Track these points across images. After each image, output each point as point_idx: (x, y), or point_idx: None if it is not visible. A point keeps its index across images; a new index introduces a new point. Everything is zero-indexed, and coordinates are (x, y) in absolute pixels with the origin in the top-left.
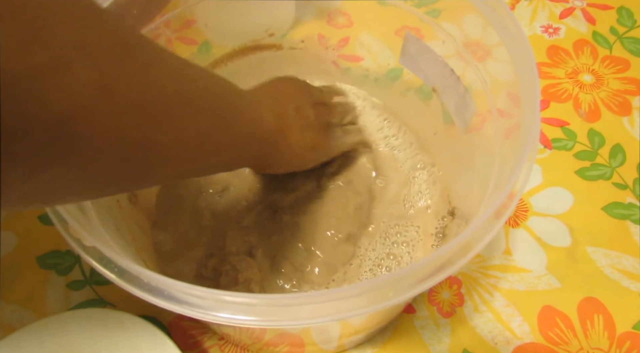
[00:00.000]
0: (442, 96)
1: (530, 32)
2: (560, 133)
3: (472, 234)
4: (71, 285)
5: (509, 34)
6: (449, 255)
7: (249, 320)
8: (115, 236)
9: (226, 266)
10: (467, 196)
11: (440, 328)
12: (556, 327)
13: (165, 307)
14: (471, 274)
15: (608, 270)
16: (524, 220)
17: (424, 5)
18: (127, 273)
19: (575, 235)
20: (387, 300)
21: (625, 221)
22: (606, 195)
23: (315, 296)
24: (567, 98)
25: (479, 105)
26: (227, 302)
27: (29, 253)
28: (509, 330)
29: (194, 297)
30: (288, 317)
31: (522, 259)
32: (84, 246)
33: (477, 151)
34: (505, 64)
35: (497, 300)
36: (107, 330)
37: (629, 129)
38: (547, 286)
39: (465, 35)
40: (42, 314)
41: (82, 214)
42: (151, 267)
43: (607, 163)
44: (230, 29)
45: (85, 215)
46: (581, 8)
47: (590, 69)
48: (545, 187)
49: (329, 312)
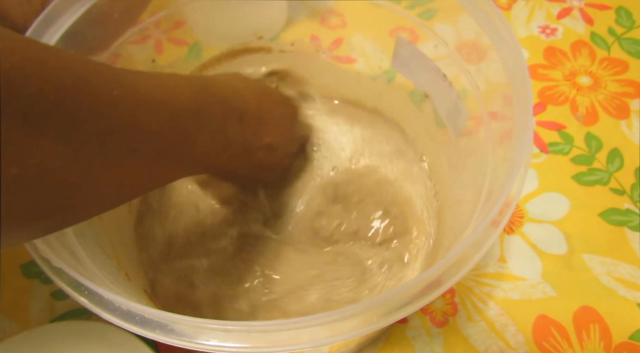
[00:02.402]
0: (434, 101)
1: (526, 32)
2: (556, 136)
3: (469, 245)
4: (55, 294)
5: (499, 37)
6: (445, 268)
7: (226, 347)
8: (94, 250)
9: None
10: (459, 202)
11: (432, 339)
12: (551, 337)
13: (136, 333)
14: (465, 283)
15: (605, 278)
16: (519, 227)
17: (419, 6)
18: (98, 296)
19: (572, 242)
20: (385, 319)
21: (622, 228)
22: (603, 201)
23: (299, 322)
24: (564, 101)
25: (472, 109)
26: (203, 328)
27: (13, 261)
28: (502, 340)
29: (169, 323)
30: (267, 344)
31: (517, 267)
32: (51, 266)
33: (470, 156)
34: (498, 68)
35: (491, 309)
36: (90, 342)
37: (627, 133)
38: (542, 295)
39: (459, 38)
40: (25, 323)
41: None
42: (134, 280)
43: (604, 167)
44: (220, 30)
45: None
46: (579, 8)
47: (588, 71)
48: (541, 193)
49: (315, 337)
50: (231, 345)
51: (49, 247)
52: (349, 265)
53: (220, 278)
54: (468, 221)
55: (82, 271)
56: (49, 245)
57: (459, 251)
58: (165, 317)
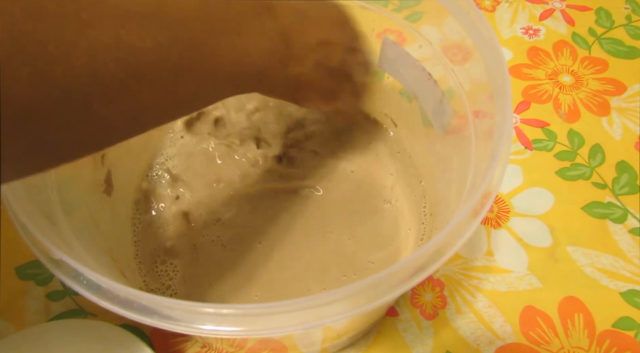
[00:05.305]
0: (420, 100)
1: (510, 33)
2: (540, 133)
3: (450, 234)
4: (50, 295)
5: (482, 39)
6: (428, 256)
7: (223, 331)
8: (91, 247)
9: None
10: (445, 198)
11: (423, 331)
12: (537, 327)
13: (135, 319)
14: (453, 276)
15: (588, 269)
16: (505, 221)
17: (405, 9)
18: (96, 285)
19: (556, 235)
20: (368, 303)
21: (604, 220)
22: (586, 195)
23: (291, 304)
24: (548, 99)
25: (457, 108)
26: (199, 313)
27: (8, 263)
28: (491, 331)
29: (165, 309)
30: (264, 326)
31: (504, 260)
32: (51, 259)
33: (455, 153)
34: (482, 68)
35: (480, 301)
36: (86, 340)
37: (608, 130)
38: (529, 286)
39: (445, 39)
40: (20, 325)
41: (52, 226)
42: (130, 279)
43: (586, 163)
44: None
45: (56, 227)
46: (560, 9)
47: (569, 70)
48: (526, 188)
49: (304, 320)
50: (226, 328)
51: (49, 240)
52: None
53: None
54: (452, 215)
55: (76, 264)
56: (49, 238)
57: (442, 239)
58: (162, 303)
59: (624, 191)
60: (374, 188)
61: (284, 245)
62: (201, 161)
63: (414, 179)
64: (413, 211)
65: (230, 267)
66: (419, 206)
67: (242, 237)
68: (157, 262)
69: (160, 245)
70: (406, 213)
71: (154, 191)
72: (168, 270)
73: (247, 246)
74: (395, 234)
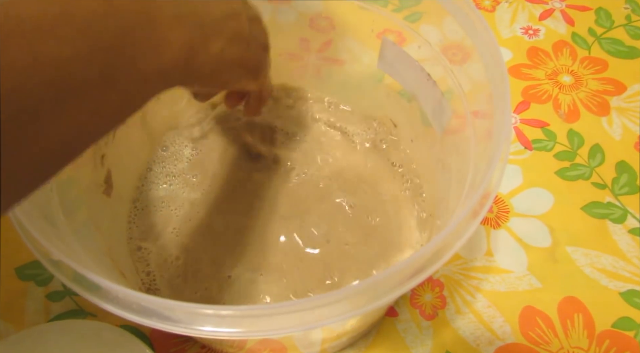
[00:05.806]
0: (419, 101)
1: (510, 34)
2: (540, 133)
3: (449, 234)
4: (50, 296)
5: (481, 39)
6: (427, 256)
7: (222, 332)
8: (90, 248)
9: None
10: (444, 198)
11: (422, 331)
12: (537, 327)
13: (134, 321)
14: (453, 276)
15: (587, 269)
16: (505, 221)
17: (405, 9)
18: (95, 286)
19: (556, 235)
20: (368, 304)
21: (604, 220)
22: (585, 195)
23: (290, 305)
24: (547, 99)
25: (457, 108)
26: (199, 314)
27: (8, 264)
28: (490, 331)
29: (165, 310)
30: (263, 327)
31: (504, 260)
32: (51, 259)
33: (455, 153)
34: (481, 68)
35: (479, 301)
36: (86, 341)
37: (608, 129)
38: (528, 286)
39: (444, 39)
40: (20, 326)
41: (51, 227)
42: (130, 279)
43: (586, 163)
44: None
45: (56, 227)
46: (560, 9)
47: (569, 70)
48: (525, 188)
49: (304, 320)
50: (225, 329)
51: (49, 241)
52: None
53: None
54: (451, 215)
55: (75, 265)
56: (48, 239)
57: (441, 240)
58: (161, 304)
59: (623, 191)
60: (372, 188)
61: (284, 246)
62: (203, 161)
63: (413, 180)
64: (412, 211)
65: (230, 265)
66: (418, 206)
67: (241, 229)
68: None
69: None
70: (405, 213)
71: (154, 192)
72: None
73: (248, 245)
74: (394, 234)
